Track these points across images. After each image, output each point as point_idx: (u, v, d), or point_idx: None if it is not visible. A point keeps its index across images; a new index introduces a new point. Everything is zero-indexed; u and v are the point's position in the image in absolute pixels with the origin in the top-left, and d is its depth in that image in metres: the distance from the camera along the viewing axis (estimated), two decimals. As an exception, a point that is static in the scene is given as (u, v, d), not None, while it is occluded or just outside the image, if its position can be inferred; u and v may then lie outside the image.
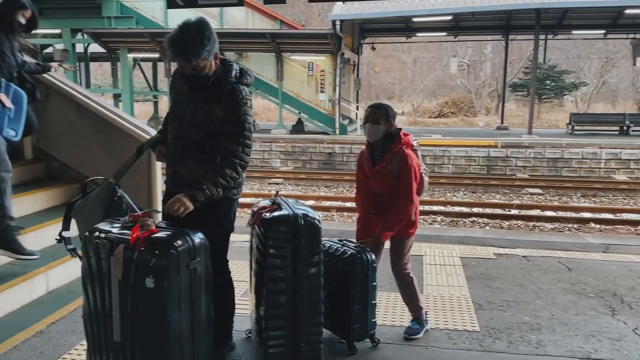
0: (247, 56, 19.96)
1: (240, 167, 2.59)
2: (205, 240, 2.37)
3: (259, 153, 17.43)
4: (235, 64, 2.72)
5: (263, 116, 29.81)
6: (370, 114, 3.14)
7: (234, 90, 2.60)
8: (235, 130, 2.57)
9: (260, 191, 13.47)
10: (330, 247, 3.14)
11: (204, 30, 2.46)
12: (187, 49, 2.44)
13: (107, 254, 2.24)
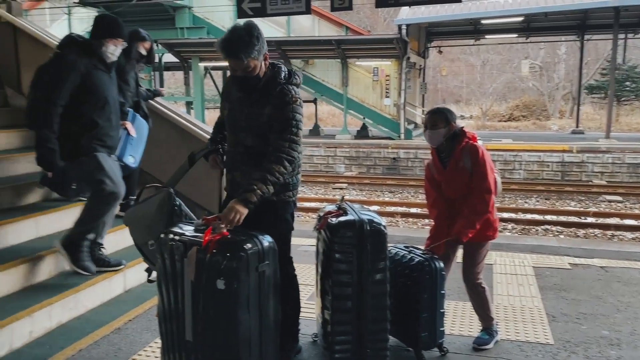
0: (313, 63, 20.19)
1: (288, 162, 2.58)
2: (273, 243, 2.41)
3: (323, 158, 17.56)
4: (283, 65, 2.77)
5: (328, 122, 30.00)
6: (428, 120, 3.11)
7: (283, 90, 2.65)
8: (282, 126, 2.60)
9: (325, 196, 13.56)
10: (397, 253, 3.11)
11: (253, 30, 2.55)
12: (238, 49, 2.51)
13: (181, 256, 2.34)
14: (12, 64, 5.30)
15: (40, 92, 3.43)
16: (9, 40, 5.26)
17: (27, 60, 5.28)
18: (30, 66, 5.23)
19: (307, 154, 17.68)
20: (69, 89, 3.43)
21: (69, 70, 3.43)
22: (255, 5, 4.45)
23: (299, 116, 2.64)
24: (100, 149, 3.58)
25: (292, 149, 2.60)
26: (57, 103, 3.40)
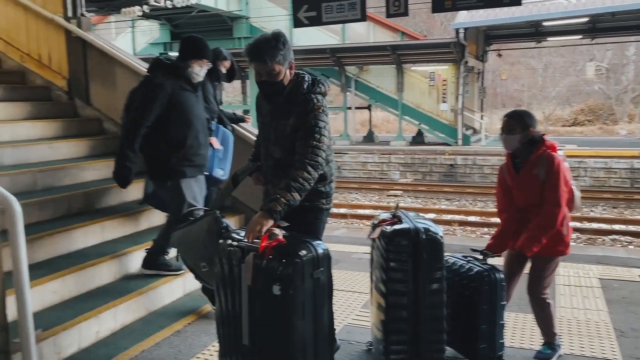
0: (368, 69, 20.17)
1: (312, 167, 2.55)
2: (328, 251, 2.42)
3: (377, 165, 17.47)
4: (307, 75, 2.76)
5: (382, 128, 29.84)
6: (505, 124, 3.00)
7: (305, 99, 2.65)
8: (304, 133, 2.59)
9: (379, 203, 13.48)
10: (455, 263, 3.05)
11: (280, 37, 2.60)
12: (263, 51, 2.56)
13: (239, 261, 2.38)
14: (82, 76, 5.59)
15: (130, 114, 3.61)
16: (79, 53, 5.56)
17: (94, 72, 5.56)
18: (97, 78, 5.54)
19: (361, 161, 17.64)
20: (156, 110, 3.55)
21: (156, 92, 3.56)
22: (311, 14, 4.51)
23: (322, 123, 2.61)
24: (189, 171, 3.67)
25: (315, 154, 2.56)
26: (142, 124, 3.54)
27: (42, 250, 3.56)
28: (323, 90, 2.74)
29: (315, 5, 4.47)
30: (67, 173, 4.53)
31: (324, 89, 2.76)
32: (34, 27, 5.72)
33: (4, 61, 5.87)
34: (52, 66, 5.72)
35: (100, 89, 5.57)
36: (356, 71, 20.20)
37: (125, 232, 4.27)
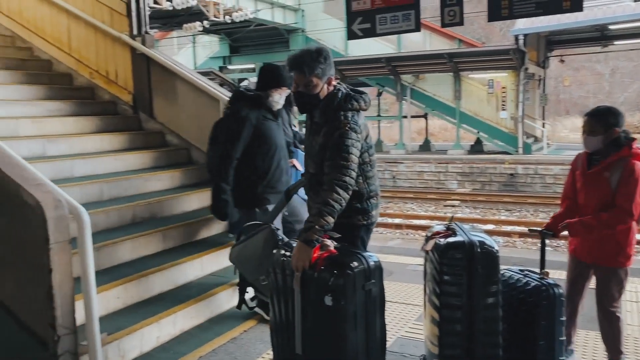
0: (424, 78, 19.97)
1: (340, 187, 2.51)
2: (379, 262, 2.43)
3: (434, 174, 17.20)
4: (342, 91, 2.73)
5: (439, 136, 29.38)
6: (585, 124, 2.86)
7: (333, 115, 2.65)
8: (331, 153, 2.58)
9: (436, 213, 13.26)
10: (511, 277, 2.96)
11: (322, 51, 2.63)
12: (303, 63, 2.61)
13: (292, 271, 2.43)
14: (146, 91, 5.86)
15: (218, 147, 3.74)
16: (143, 69, 5.83)
17: (157, 87, 5.81)
18: (160, 92, 5.78)
19: (417, 170, 17.42)
20: (244, 142, 3.68)
21: (242, 125, 3.68)
22: (365, 26, 4.53)
23: (349, 141, 2.56)
24: (273, 198, 3.74)
25: (342, 174, 2.52)
26: (232, 157, 3.67)
27: (107, 257, 3.75)
28: (356, 106, 2.70)
29: (369, 18, 4.49)
30: (131, 184, 4.75)
31: (358, 105, 2.71)
32: (102, 45, 6.05)
33: (75, 78, 6.23)
34: (118, 82, 6.02)
35: (162, 103, 5.81)
36: (412, 80, 20.04)
37: (185, 241, 4.42)
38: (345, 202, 2.55)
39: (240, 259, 3.12)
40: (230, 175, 3.69)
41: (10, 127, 4.70)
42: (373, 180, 2.82)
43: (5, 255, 2.77)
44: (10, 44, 6.45)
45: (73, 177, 4.56)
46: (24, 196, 2.56)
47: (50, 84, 5.93)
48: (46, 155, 4.66)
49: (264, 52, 22.63)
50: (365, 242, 2.85)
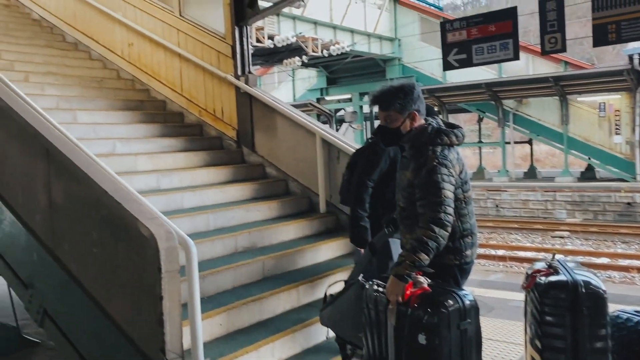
0: (528, 102, 19.18)
1: (436, 225, 2.46)
2: (475, 302, 2.37)
3: (540, 203, 16.30)
4: (432, 125, 2.70)
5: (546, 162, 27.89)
6: None
7: (420, 150, 2.63)
8: (422, 192, 2.56)
9: (542, 245, 12.53)
10: (629, 319, 2.73)
11: (405, 87, 2.67)
12: (381, 98, 2.69)
13: (385, 307, 2.44)
14: (248, 126, 6.20)
15: (356, 174, 3.89)
16: (246, 106, 6.19)
17: (259, 122, 6.13)
18: (261, 127, 6.09)
19: (522, 199, 16.62)
20: (379, 173, 3.78)
21: (380, 155, 3.78)
22: (461, 57, 4.51)
23: (439, 177, 2.52)
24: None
25: (437, 211, 2.49)
26: (368, 185, 3.79)
27: (211, 285, 3.96)
28: (446, 140, 2.66)
29: (465, 48, 4.46)
30: (234, 214, 5.02)
31: (449, 140, 2.67)
32: (210, 85, 6.51)
33: (186, 116, 6.75)
34: (224, 119, 6.43)
35: (263, 137, 6.11)
36: (514, 104, 19.32)
37: (283, 270, 4.56)
38: (444, 239, 2.51)
39: (333, 320, 3.14)
40: (366, 202, 3.74)
41: (130, 163, 5.18)
42: (468, 217, 2.74)
43: (124, 282, 3.04)
44: (131, 87, 7.13)
45: (183, 208, 4.90)
46: (141, 228, 2.81)
47: (165, 122, 6.46)
48: (160, 188, 5.06)
49: (361, 82, 23.00)
50: (459, 283, 2.75)
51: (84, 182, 3.12)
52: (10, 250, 3.79)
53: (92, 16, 7.52)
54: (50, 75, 6.42)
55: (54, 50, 7.30)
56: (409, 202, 2.69)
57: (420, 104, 2.73)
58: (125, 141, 5.55)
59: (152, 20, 6.88)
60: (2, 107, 3.70)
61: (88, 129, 5.50)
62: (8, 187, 3.75)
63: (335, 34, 19.53)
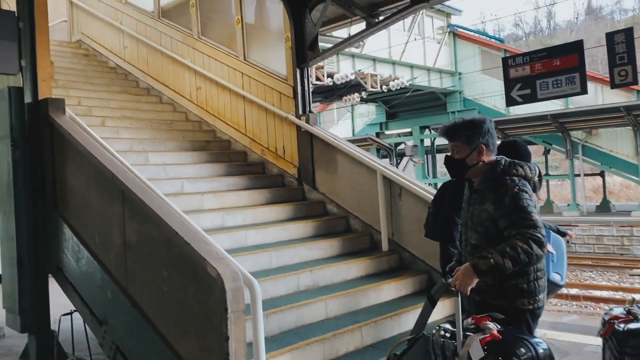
0: (598, 133, 18.42)
1: (535, 242, 2.38)
2: (549, 350, 2.26)
3: (616, 239, 15.40)
4: (505, 159, 2.67)
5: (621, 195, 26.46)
6: None
7: (498, 181, 2.58)
8: (511, 218, 2.47)
9: (620, 284, 11.77)
10: None
11: (475, 120, 2.68)
12: (449, 129, 2.71)
13: (452, 354, 2.37)
14: (309, 164, 6.30)
15: (444, 209, 3.86)
16: (307, 144, 6.31)
17: (319, 160, 6.22)
18: (322, 165, 6.17)
19: (595, 234, 15.78)
20: None
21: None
22: (525, 92, 4.42)
23: (524, 202, 2.48)
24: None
25: (534, 228, 2.42)
26: (457, 222, 3.71)
27: (275, 324, 3.99)
28: (521, 172, 2.64)
29: (529, 83, 4.38)
30: (296, 252, 5.06)
31: (523, 172, 2.64)
32: (272, 124, 6.70)
33: (249, 155, 6.95)
34: (285, 157, 6.58)
35: (324, 174, 6.19)
36: (583, 135, 18.59)
37: (346, 310, 4.52)
38: (535, 259, 2.45)
39: None
40: (456, 239, 3.67)
41: (197, 202, 5.37)
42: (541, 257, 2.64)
43: (192, 321, 3.12)
44: (198, 128, 7.45)
45: (247, 246, 5.00)
46: (208, 269, 2.89)
47: (229, 161, 6.68)
48: (225, 226, 5.21)
49: (421, 115, 22.93)
50: (532, 330, 2.62)
51: (155, 223, 3.26)
52: (87, 288, 3.99)
53: (163, 63, 7.99)
54: (125, 120, 6.82)
55: (128, 96, 7.78)
56: (485, 238, 2.62)
57: (489, 138, 2.70)
58: (193, 180, 5.78)
59: (218, 65, 7.22)
60: (82, 152, 3.96)
61: (159, 169, 5.77)
62: (86, 228, 3.97)
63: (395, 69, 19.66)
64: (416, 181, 5.55)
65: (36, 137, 4.37)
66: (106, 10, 9.12)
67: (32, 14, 4.35)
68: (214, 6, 7.65)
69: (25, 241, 4.29)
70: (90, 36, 9.55)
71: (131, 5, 8.68)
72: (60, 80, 7.35)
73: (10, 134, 4.27)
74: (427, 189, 5.35)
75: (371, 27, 6.24)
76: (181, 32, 7.76)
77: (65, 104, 4.47)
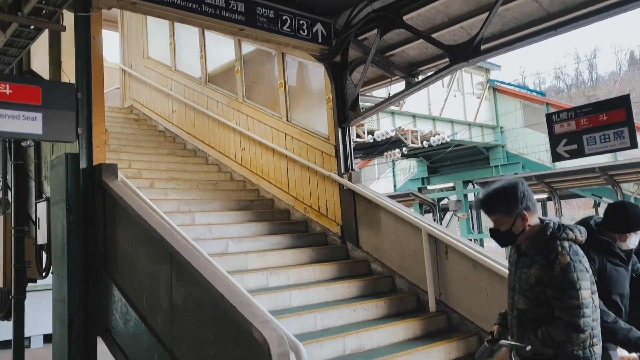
0: (652, 184, 17.73)
1: (572, 329, 2.35)
2: None
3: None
4: (553, 221, 2.60)
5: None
6: None
7: (547, 247, 2.51)
8: (554, 292, 2.41)
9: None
10: None
11: (508, 188, 2.61)
12: (484, 204, 2.65)
13: None
14: (352, 222, 6.29)
15: None
16: (350, 202, 6.32)
17: (362, 218, 6.20)
18: (365, 223, 6.14)
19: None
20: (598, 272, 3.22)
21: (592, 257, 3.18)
22: (571, 147, 4.34)
23: (574, 275, 2.39)
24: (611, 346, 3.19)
25: (576, 316, 2.36)
26: None
27: (320, 389, 3.89)
28: (572, 235, 2.55)
29: (575, 139, 4.30)
30: (340, 313, 4.97)
31: (574, 235, 2.55)
32: (314, 183, 6.77)
33: (292, 213, 7.00)
34: (328, 215, 6.59)
35: (367, 232, 6.15)
36: (635, 188, 17.90)
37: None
38: (582, 342, 2.42)
39: None
40: None
41: (242, 262, 5.41)
42: (597, 323, 2.51)
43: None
44: (242, 188, 7.60)
45: (291, 307, 4.96)
46: (254, 332, 2.87)
47: (273, 220, 6.74)
48: (269, 286, 5.19)
49: (464, 170, 22.69)
50: None
51: (202, 285, 3.29)
52: (134, 350, 4.01)
53: (209, 125, 8.29)
54: (173, 181, 7.04)
55: (176, 158, 8.06)
56: (534, 303, 2.53)
57: (528, 202, 2.62)
58: (237, 240, 5.84)
59: (262, 127, 7.43)
60: (132, 215, 4.09)
61: (204, 229, 5.88)
62: (135, 290, 4.04)
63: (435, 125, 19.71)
64: (462, 239, 5.44)
65: (90, 200, 4.56)
66: (156, 77, 9.63)
67: (90, 85, 4.64)
68: (258, 71, 7.97)
69: (76, 303, 4.39)
70: (141, 102, 10.06)
71: (180, 72, 9.15)
72: (113, 144, 7.71)
73: (66, 198, 4.47)
74: (474, 246, 5.23)
75: (411, 87, 6.35)
76: (227, 96, 8.08)
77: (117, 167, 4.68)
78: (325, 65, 6.43)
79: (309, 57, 6.51)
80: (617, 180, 17.64)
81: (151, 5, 4.93)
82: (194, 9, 5.11)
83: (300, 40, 6.04)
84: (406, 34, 6.21)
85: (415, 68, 6.99)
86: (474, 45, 5.20)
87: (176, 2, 4.97)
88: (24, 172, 6.67)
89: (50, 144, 5.64)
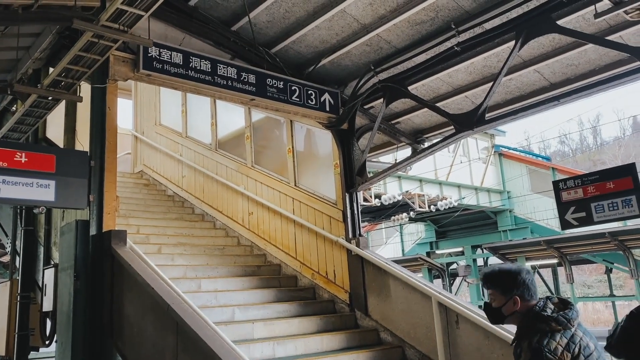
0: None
1: None
2: None
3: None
4: (538, 306, 2.63)
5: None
6: None
7: (525, 335, 2.58)
8: None
9: None
10: None
11: (512, 271, 2.74)
12: (487, 277, 2.80)
13: None
14: (360, 289, 6.20)
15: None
16: (358, 269, 6.26)
17: (371, 285, 6.11)
18: (374, 290, 6.05)
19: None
20: None
21: None
22: (580, 215, 4.34)
23: None
24: None
25: None
26: None
27: None
28: (545, 328, 2.53)
29: (583, 206, 4.31)
30: (349, 386, 4.82)
31: (549, 327, 2.54)
32: (322, 248, 6.74)
33: (299, 279, 6.93)
34: (336, 281, 6.51)
35: (376, 300, 6.04)
36: (652, 252, 17.63)
37: None
38: None
39: None
40: None
41: (248, 330, 5.30)
42: None
43: None
44: (249, 253, 7.57)
45: (298, 380, 4.82)
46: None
47: (280, 286, 6.66)
48: (275, 357, 5.06)
49: (472, 234, 22.52)
50: None
51: (208, 356, 3.22)
52: None
53: (218, 190, 8.37)
54: (180, 246, 7.03)
55: (183, 222, 8.08)
56: None
57: (524, 290, 2.70)
58: (244, 308, 5.75)
59: (270, 191, 7.50)
60: (139, 282, 4.07)
61: (210, 296, 5.81)
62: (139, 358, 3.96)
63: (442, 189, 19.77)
64: (473, 307, 5.33)
65: (98, 267, 4.55)
66: (167, 143, 9.83)
67: (103, 153, 4.75)
68: (267, 137, 8.14)
69: (79, 372, 4.29)
70: (152, 167, 10.22)
71: (191, 138, 9.35)
72: (122, 209, 7.74)
73: (75, 264, 4.47)
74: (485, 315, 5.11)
75: (417, 154, 6.43)
76: (236, 161, 8.21)
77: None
78: (332, 132, 6.57)
79: (317, 124, 6.66)
80: (628, 246, 17.42)
81: (165, 77, 5.12)
82: (207, 80, 5.31)
83: (309, 109, 6.21)
84: (411, 102, 6.38)
85: (420, 135, 7.12)
86: (479, 114, 5.32)
87: (190, 75, 5.17)
88: (33, 238, 6.69)
89: (61, 209, 5.70)
